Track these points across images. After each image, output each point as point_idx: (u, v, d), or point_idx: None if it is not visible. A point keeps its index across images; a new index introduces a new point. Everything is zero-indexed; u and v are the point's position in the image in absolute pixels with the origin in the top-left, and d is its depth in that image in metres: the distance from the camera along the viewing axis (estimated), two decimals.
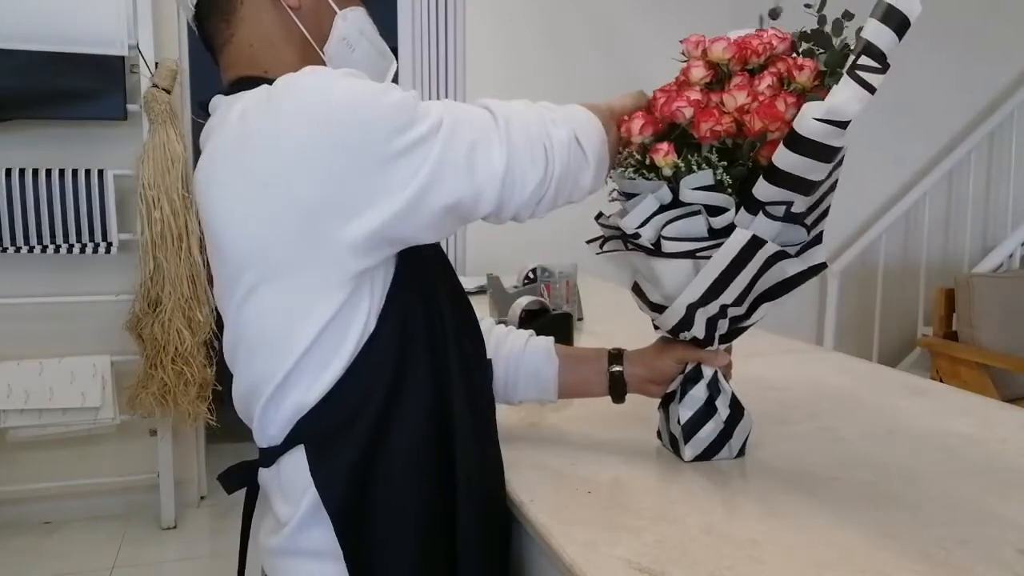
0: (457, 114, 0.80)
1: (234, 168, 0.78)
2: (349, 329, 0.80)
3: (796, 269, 0.90)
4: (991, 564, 0.76)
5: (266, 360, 0.81)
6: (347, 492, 0.81)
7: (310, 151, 0.73)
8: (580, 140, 0.87)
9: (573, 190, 0.89)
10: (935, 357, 3.15)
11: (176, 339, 2.65)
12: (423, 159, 0.76)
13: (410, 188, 0.75)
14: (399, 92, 0.77)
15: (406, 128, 0.75)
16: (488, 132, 0.80)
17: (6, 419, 2.65)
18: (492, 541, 0.90)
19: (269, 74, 0.83)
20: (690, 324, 0.95)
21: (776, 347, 1.68)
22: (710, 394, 0.99)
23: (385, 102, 0.75)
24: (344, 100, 0.74)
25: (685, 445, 1.00)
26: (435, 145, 0.76)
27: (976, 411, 1.26)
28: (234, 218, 0.78)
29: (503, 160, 0.80)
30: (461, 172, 0.78)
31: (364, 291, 0.80)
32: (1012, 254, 3.83)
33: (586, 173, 0.88)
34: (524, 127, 0.83)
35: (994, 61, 3.98)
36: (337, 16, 0.88)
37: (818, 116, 0.79)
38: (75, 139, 2.74)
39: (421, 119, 0.76)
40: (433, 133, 0.76)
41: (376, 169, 0.74)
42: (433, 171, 0.76)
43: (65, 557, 2.63)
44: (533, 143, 0.83)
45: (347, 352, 0.80)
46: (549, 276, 2.00)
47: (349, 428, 0.81)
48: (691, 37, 0.94)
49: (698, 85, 0.91)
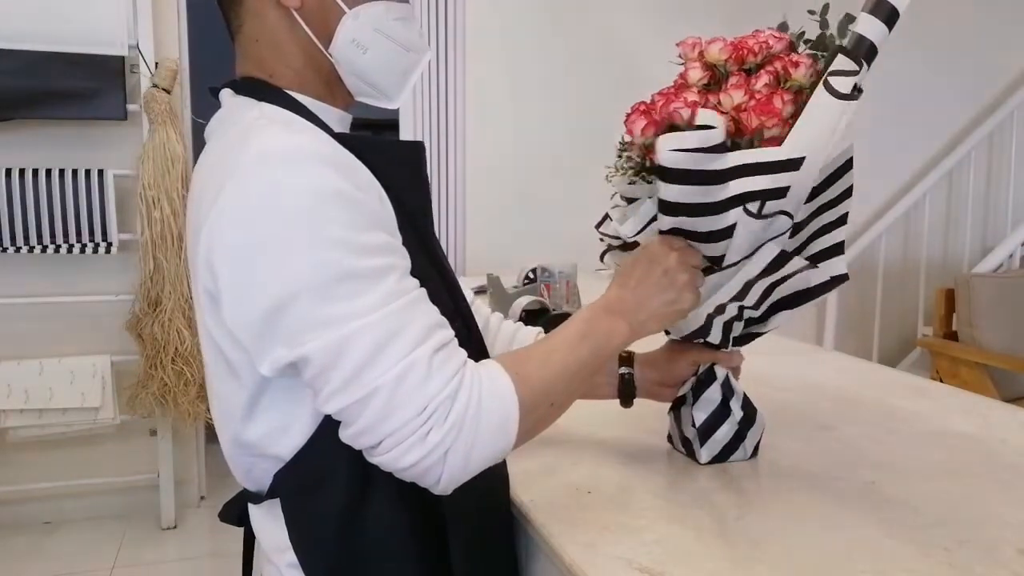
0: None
1: (198, 193, 0.77)
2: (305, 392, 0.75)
3: (819, 279, 0.90)
4: (991, 564, 0.76)
5: (227, 407, 0.79)
6: (328, 560, 0.78)
7: (220, 249, 0.71)
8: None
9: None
10: (935, 357, 3.15)
11: (176, 339, 2.65)
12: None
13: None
14: (341, 265, 0.68)
15: (298, 301, 0.68)
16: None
17: (6, 419, 2.65)
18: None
19: (275, 79, 0.82)
20: (707, 331, 0.95)
21: (776, 347, 1.68)
22: (724, 395, 0.99)
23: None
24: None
25: (701, 447, 1.00)
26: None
27: (976, 411, 1.26)
28: (190, 235, 0.79)
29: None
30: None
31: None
32: (1012, 254, 3.83)
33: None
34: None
35: (994, 61, 3.98)
36: (346, 16, 0.81)
37: (673, 147, 0.81)
38: (75, 139, 2.74)
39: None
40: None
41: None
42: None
43: (65, 557, 2.63)
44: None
45: (308, 413, 0.76)
46: (549, 276, 2.00)
47: (326, 488, 0.78)
48: (687, 39, 0.94)
49: (696, 86, 0.91)
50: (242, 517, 0.90)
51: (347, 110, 0.88)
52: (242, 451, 0.81)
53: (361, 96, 0.87)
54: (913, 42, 3.65)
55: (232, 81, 0.85)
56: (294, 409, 0.76)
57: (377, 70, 0.84)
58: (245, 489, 0.86)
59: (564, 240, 2.92)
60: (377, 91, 0.86)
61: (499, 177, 3.41)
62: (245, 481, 0.84)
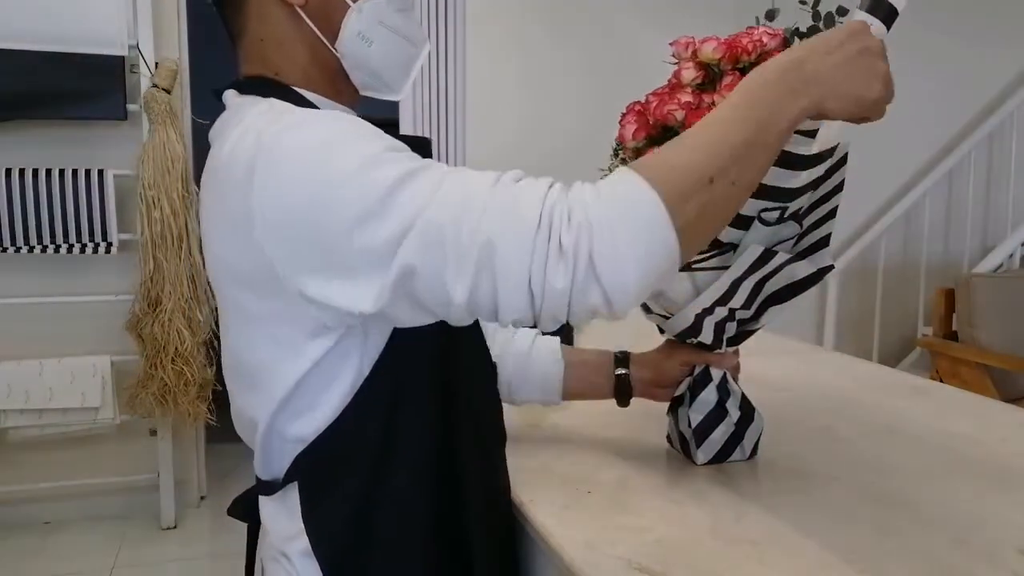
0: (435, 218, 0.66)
1: (217, 195, 0.77)
2: (339, 373, 0.76)
3: (806, 272, 0.90)
4: (991, 564, 0.76)
5: (259, 391, 0.79)
6: (341, 545, 0.79)
7: (275, 226, 0.71)
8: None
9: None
10: (935, 357, 3.15)
11: (176, 339, 2.65)
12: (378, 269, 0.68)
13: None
14: (383, 171, 0.67)
15: (367, 223, 0.67)
16: (459, 253, 0.65)
17: (6, 419, 2.65)
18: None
19: (281, 76, 0.82)
20: (698, 331, 0.95)
21: (776, 347, 1.68)
22: (720, 397, 0.99)
23: (354, 190, 0.68)
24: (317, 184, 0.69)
25: (697, 449, 0.99)
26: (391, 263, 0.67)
27: (976, 411, 1.26)
28: (215, 243, 0.78)
29: (464, 294, 0.66)
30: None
31: (355, 337, 0.76)
32: (1012, 254, 3.83)
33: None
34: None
35: (994, 61, 3.98)
36: (351, 9, 0.82)
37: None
38: (75, 139, 2.74)
39: (388, 214, 0.67)
40: (392, 246, 0.66)
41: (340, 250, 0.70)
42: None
43: (65, 557, 2.63)
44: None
45: (338, 395, 0.77)
46: None
47: (344, 472, 0.78)
48: (680, 39, 0.94)
49: (689, 86, 0.91)
50: (250, 512, 0.90)
51: (352, 107, 0.88)
52: (276, 433, 0.80)
53: (366, 90, 0.87)
54: (913, 42, 3.65)
55: (236, 81, 0.85)
56: (323, 393, 0.77)
57: (382, 62, 0.84)
58: (258, 481, 0.86)
59: None
60: (382, 83, 0.86)
61: None
62: (264, 471, 0.84)
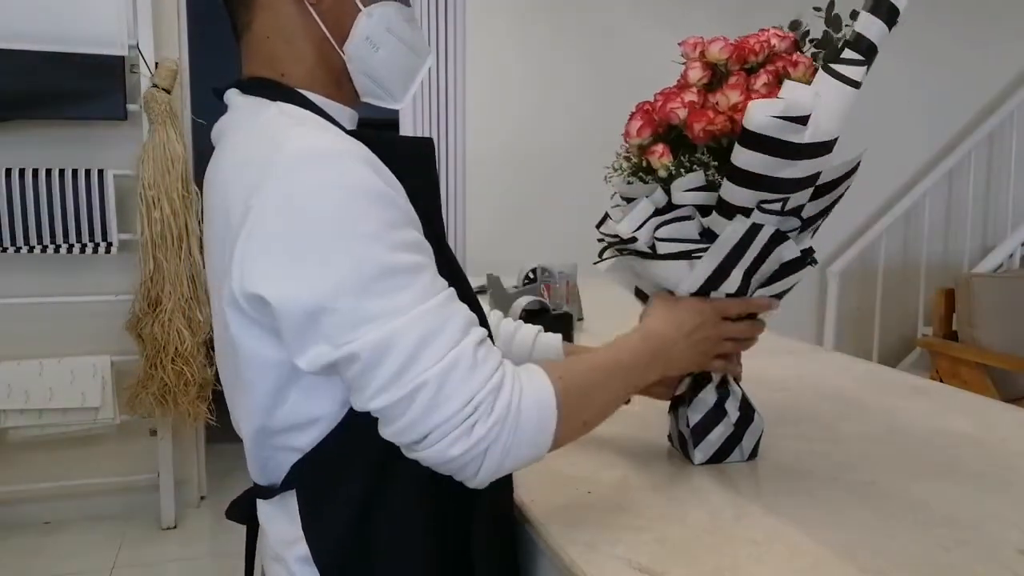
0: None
1: (221, 196, 0.76)
2: (337, 379, 0.74)
3: (792, 254, 0.90)
4: (991, 564, 0.76)
5: (253, 398, 0.78)
6: (341, 552, 0.78)
7: (262, 233, 0.70)
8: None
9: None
10: (935, 357, 3.15)
11: (176, 339, 2.65)
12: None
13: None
14: (388, 256, 0.68)
15: (343, 298, 0.68)
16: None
17: (6, 419, 2.65)
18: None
19: (286, 77, 0.81)
20: None
21: (776, 347, 1.68)
22: (719, 397, 0.99)
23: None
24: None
25: (695, 449, 0.99)
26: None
27: (976, 411, 1.26)
28: (213, 243, 0.77)
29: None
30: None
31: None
32: (1012, 254, 3.83)
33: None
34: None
35: (994, 61, 3.98)
36: (361, 13, 0.82)
37: (770, 112, 0.79)
38: (75, 139, 2.74)
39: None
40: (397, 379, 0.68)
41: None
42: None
43: (65, 557, 2.63)
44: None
45: (337, 403, 0.76)
46: (549, 276, 2.00)
47: (343, 479, 0.78)
48: (689, 39, 0.94)
49: (696, 86, 0.91)
50: (248, 515, 0.90)
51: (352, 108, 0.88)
52: (265, 443, 0.80)
53: (367, 96, 0.87)
54: (914, 42, 3.66)
55: (239, 81, 0.84)
56: (319, 403, 0.76)
57: (387, 69, 0.84)
58: (256, 485, 0.86)
59: (564, 240, 2.92)
60: (384, 90, 0.86)
61: (499, 177, 3.42)
62: (260, 476, 0.84)
